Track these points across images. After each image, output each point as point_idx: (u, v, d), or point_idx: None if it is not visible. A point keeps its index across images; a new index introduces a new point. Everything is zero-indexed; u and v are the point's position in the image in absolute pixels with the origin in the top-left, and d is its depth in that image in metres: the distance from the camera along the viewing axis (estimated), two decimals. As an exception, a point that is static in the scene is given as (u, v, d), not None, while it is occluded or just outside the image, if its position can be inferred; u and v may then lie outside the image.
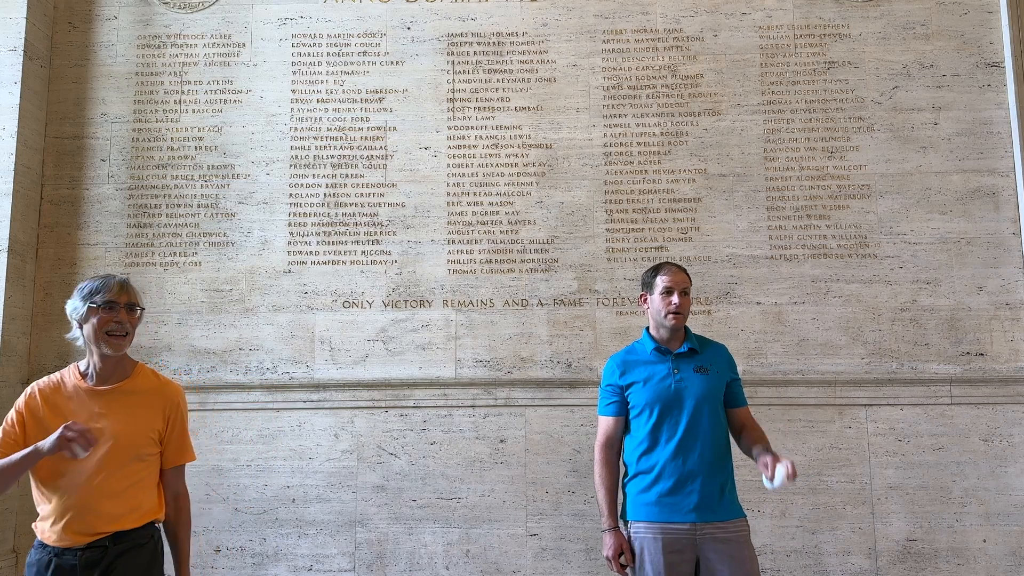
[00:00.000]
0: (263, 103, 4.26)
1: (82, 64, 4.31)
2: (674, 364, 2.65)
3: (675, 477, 2.54)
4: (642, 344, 2.74)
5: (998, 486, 3.83)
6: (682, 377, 2.62)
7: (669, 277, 2.66)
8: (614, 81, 4.23)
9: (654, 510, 2.55)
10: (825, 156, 4.13)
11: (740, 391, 2.73)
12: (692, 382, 2.61)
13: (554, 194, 4.15)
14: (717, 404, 2.64)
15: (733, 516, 2.57)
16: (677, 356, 2.67)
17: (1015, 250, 4.01)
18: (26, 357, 4.05)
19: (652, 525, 2.55)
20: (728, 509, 2.56)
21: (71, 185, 4.21)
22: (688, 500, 2.52)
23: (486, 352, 4.03)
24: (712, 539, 2.50)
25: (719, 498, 2.55)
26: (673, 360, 2.66)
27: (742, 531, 2.57)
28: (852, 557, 3.82)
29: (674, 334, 2.69)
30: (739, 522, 2.58)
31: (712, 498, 2.53)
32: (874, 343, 3.97)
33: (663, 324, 2.67)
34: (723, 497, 2.56)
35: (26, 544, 3.92)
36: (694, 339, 2.72)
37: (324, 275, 4.12)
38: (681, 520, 2.52)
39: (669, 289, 2.64)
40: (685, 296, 2.65)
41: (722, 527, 2.52)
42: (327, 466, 3.96)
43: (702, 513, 2.52)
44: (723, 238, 4.08)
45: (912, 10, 4.22)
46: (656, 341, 2.70)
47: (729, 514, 2.56)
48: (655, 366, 2.66)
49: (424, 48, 4.29)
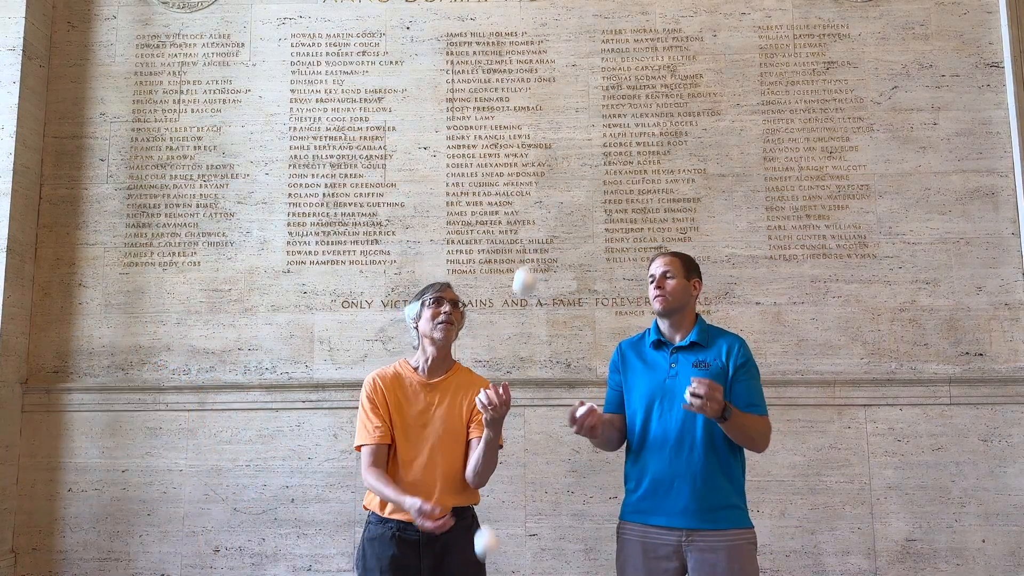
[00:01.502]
0: (262, 103, 4.26)
1: (81, 64, 4.31)
2: (672, 358, 2.46)
3: (663, 479, 2.38)
4: (648, 334, 2.57)
5: (997, 486, 3.83)
6: (677, 372, 2.42)
7: (650, 267, 2.56)
8: (613, 81, 4.23)
9: (639, 513, 2.42)
10: (824, 156, 4.13)
11: (745, 392, 2.41)
12: (687, 378, 2.29)
13: (553, 194, 4.15)
14: None
15: (729, 525, 2.36)
16: (676, 349, 2.47)
17: (1014, 250, 4.01)
18: (25, 357, 4.05)
19: (637, 527, 2.42)
20: (723, 517, 2.36)
21: (70, 185, 4.21)
22: (675, 505, 2.35)
23: (485, 352, 4.03)
24: (699, 548, 2.33)
25: (713, 504, 2.35)
26: (671, 353, 2.47)
27: (735, 541, 2.35)
28: (851, 557, 3.82)
29: (672, 323, 2.51)
30: (734, 532, 2.36)
31: (703, 504, 2.34)
32: (873, 343, 3.97)
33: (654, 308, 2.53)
34: (718, 504, 2.36)
35: (26, 544, 3.92)
36: (702, 332, 2.49)
37: (323, 275, 4.12)
38: (667, 525, 2.36)
39: (652, 277, 2.53)
40: (667, 279, 2.48)
41: (713, 536, 2.34)
42: (326, 466, 3.96)
43: (689, 519, 2.34)
44: (722, 238, 4.08)
45: (911, 10, 4.22)
46: (659, 332, 2.54)
47: (724, 523, 2.35)
48: (653, 358, 2.50)
49: (423, 48, 4.29)
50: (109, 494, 3.96)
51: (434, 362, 2.59)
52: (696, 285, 2.56)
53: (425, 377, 2.59)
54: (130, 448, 3.99)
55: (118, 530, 3.93)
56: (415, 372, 2.60)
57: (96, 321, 4.09)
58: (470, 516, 2.54)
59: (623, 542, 2.46)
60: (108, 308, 4.11)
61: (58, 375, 4.06)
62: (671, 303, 2.48)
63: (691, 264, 2.58)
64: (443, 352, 2.60)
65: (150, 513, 3.94)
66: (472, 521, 2.53)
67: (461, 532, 2.41)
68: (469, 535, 2.35)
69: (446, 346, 2.60)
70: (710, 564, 2.32)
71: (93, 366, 4.06)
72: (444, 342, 2.57)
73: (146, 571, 3.90)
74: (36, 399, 4.01)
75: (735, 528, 2.38)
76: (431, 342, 2.57)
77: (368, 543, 2.49)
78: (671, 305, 2.48)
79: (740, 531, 2.39)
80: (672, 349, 2.50)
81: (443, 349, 2.59)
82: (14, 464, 3.96)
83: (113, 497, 3.95)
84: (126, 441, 3.99)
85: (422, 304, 2.59)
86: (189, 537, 3.92)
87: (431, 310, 2.57)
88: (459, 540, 2.41)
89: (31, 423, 4.01)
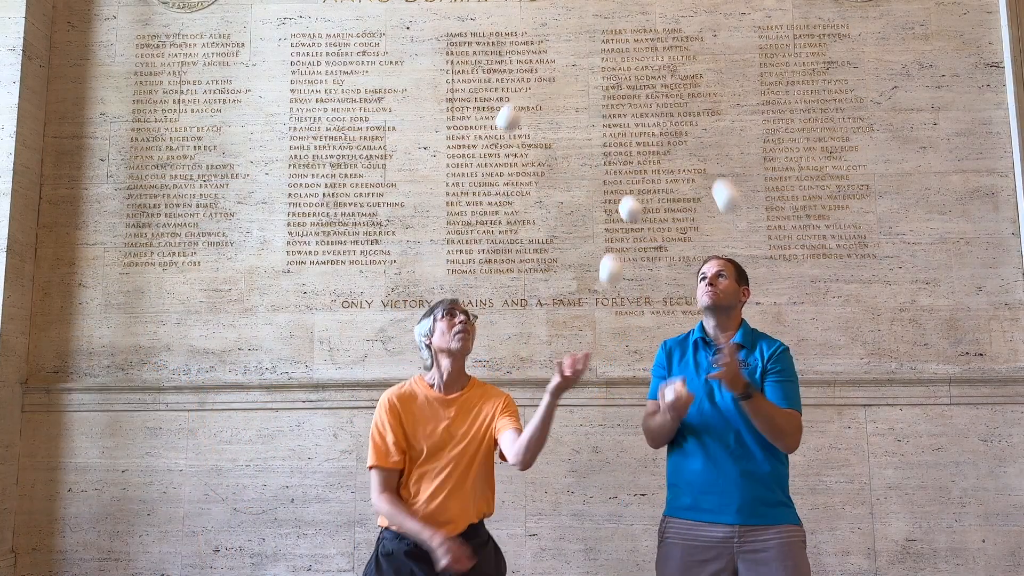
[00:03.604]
0: (262, 103, 4.26)
1: (81, 64, 4.31)
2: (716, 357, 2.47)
3: (710, 478, 2.41)
4: (693, 333, 2.61)
5: (997, 486, 3.83)
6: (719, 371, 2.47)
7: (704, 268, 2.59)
8: (613, 81, 4.23)
9: (687, 512, 2.44)
10: (824, 156, 4.13)
11: (778, 392, 2.46)
12: None
13: (553, 194, 4.15)
14: None
15: (778, 521, 2.40)
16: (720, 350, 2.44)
17: (1014, 250, 4.01)
18: (25, 357, 4.05)
19: (684, 525, 2.44)
20: (772, 514, 2.40)
21: (70, 185, 4.21)
22: (724, 502, 2.38)
23: (485, 352, 4.03)
24: (751, 548, 2.36)
25: (763, 501, 2.39)
26: (715, 353, 2.45)
27: (787, 539, 2.38)
28: (851, 557, 3.82)
29: (719, 323, 2.54)
30: (785, 528, 2.39)
31: (753, 501, 2.38)
32: (873, 343, 3.97)
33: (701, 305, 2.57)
34: (768, 500, 2.40)
35: (26, 544, 3.92)
36: (746, 334, 2.55)
37: (323, 275, 4.12)
38: (715, 522, 2.39)
39: (703, 276, 2.57)
40: (719, 278, 2.53)
41: (763, 532, 2.37)
42: (326, 466, 3.96)
43: (740, 516, 2.37)
44: (722, 238, 4.08)
45: (911, 10, 4.22)
46: (703, 332, 2.58)
47: (773, 519, 2.39)
48: (696, 357, 2.54)
49: (423, 48, 4.29)
50: (109, 494, 3.96)
51: (450, 377, 2.55)
52: (745, 292, 2.62)
53: (442, 393, 2.54)
54: (130, 448, 3.99)
55: (118, 530, 3.93)
56: (431, 388, 2.56)
57: (96, 321, 4.09)
58: (486, 533, 2.53)
59: (665, 540, 2.48)
60: (108, 308, 4.11)
61: (58, 375, 4.06)
62: (721, 299, 2.53)
63: (743, 272, 2.64)
64: (459, 365, 2.56)
65: (150, 513, 3.94)
66: (488, 537, 2.53)
67: (478, 547, 2.41)
68: (485, 550, 2.45)
69: (463, 357, 2.56)
70: (762, 561, 2.35)
71: (93, 366, 4.06)
72: (462, 351, 2.54)
73: (146, 571, 3.90)
74: (36, 399, 4.01)
75: (785, 524, 2.42)
76: (447, 355, 2.53)
77: (384, 558, 2.45)
78: (720, 301, 2.53)
79: (791, 527, 2.42)
80: (716, 349, 2.50)
81: (459, 361, 2.56)
82: (14, 464, 3.96)
83: (113, 497, 3.95)
84: (126, 441, 3.99)
85: (434, 319, 2.56)
86: (189, 537, 3.92)
87: (445, 322, 2.53)
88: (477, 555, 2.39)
89: (31, 423, 4.01)
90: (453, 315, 2.55)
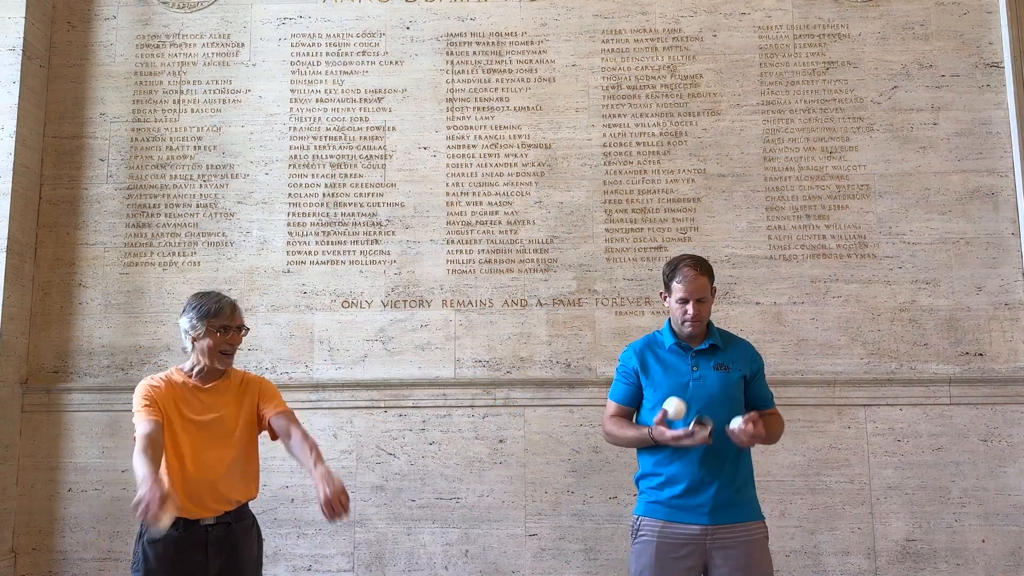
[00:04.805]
0: (262, 103, 4.26)
1: (81, 64, 4.31)
2: (693, 361, 2.56)
3: (689, 478, 2.47)
4: (663, 336, 2.65)
5: (997, 486, 3.83)
6: (701, 375, 2.54)
7: (684, 287, 2.55)
8: (613, 81, 4.23)
9: (664, 510, 2.50)
10: (824, 156, 4.13)
11: (763, 391, 2.64)
12: (711, 380, 2.53)
13: (553, 194, 4.15)
14: (736, 403, 2.53)
15: (747, 519, 2.51)
16: (697, 353, 2.58)
17: (1014, 250, 4.01)
18: (25, 357, 4.05)
19: (659, 524, 2.50)
20: (743, 511, 2.50)
21: (70, 185, 4.21)
22: (701, 502, 2.46)
23: (485, 352, 4.03)
24: (723, 544, 2.45)
25: (734, 500, 2.49)
26: (692, 357, 2.57)
27: (755, 534, 2.50)
28: (851, 557, 3.82)
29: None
30: (753, 525, 2.51)
31: (726, 500, 2.47)
32: (873, 343, 3.97)
33: (681, 329, 2.61)
34: (738, 499, 2.50)
35: (26, 544, 3.92)
36: (717, 334, 2.62)
37: (323, 275, 4.12)
38: (692, 522, 2.47)
39: (684, 299, 2.55)
40: (701, 304, 2.54)
41: (733, 529, 2.47)
42: (326, 466, 3.95)
43: (714, 516, 2.46)
44: (722, 238, 4.08)
45: (911, 10, 4.22)
46: (676, 337, 2.62)
47: (743, 516, 2.50)
48: (674, 362, 2.58)
49: (423, 48, 4.29)
50: (109, 494, 3.96)
51: (209, 370, 2.57)
52: (714, 292, 2.67)
53: (199, 382, 2.56)
54: (130, 448, 3.93)
55: (118, 530, 3.93)
56: (189, 377, 2.57)
57: (96, 321, 4.09)
58: (251, 516, 2.60)
59: (645, 539, 2.52)
60: (108, 308, 4.10)
61: (58, 375, 4.06)
62: (702, 327, 2.61)
63: (712, 273, 2.65)
64: None
65: (150, 513, 3.93)
66: (253, 520, 2.60)
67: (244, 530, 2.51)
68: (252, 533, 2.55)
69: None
70: (736, 559, 2.45)
71: (93, 366, 4.06)
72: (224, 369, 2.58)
73: (146, 571, 3.90)
74: (36, 399, 4.01)
75: (755, 520, 2.53)
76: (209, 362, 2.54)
77: (150, 545, 2.38)
78: (702, 329, 2.60)
79: (758, 523, 2.55)
80: (693, 352, 2.59)
81: None
82: (14, 464, 3.96)
83: (113, 497, 3.95)
84: (126, 441, 3.98)
85: (207, 325, 2.50)
86: (189, 537, 3.91)
87: (216, 338, 2.50)
88: (245, 538, 2.51)
89: (31, 423, 4.01)
90: (227, 331, 2.53)
